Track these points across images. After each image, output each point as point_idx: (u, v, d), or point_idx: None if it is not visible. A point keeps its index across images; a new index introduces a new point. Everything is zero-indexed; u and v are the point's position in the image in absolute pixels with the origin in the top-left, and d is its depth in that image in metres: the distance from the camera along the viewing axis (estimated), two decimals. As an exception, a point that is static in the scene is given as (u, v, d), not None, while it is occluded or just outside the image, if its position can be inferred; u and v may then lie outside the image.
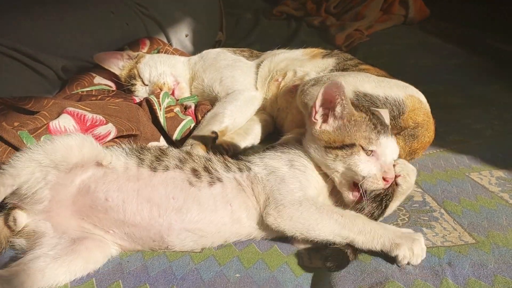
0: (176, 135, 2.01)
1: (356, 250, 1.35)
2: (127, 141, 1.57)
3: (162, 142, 2.00)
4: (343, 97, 1.43)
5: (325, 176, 1.50)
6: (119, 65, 2.47)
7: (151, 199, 1.37)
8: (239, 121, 2.13)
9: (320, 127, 1.49)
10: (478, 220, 1.51)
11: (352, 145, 1.42)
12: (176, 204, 1.37)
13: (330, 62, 2.17)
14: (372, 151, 1.43)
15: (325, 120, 1.49)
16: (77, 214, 1.38)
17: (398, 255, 1.29)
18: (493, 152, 1.95)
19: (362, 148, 1.42)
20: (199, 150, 1.83)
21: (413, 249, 1.29)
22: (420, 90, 1.87)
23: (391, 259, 1.32)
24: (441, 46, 3.66)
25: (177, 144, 2.00)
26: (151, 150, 1.48)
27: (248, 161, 1.54)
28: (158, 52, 2.70)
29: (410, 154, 1.80)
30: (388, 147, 1.45)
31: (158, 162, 1.43)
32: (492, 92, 2.74)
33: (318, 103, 1.47)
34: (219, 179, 1.44)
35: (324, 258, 1.33)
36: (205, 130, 1.99)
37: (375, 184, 1.42)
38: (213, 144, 1.96)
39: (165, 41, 3.06)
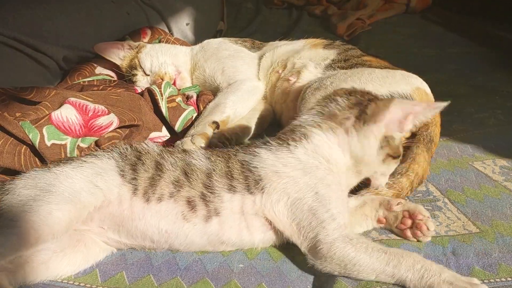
0: (178, 125, 2.01)
1: None
2: (125, 145, 1.47)
3: (164, 132, 1.99)
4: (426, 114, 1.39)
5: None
6: (120, 55, 2.46)
7: (145, 231, 1.35)
8: (241, 111, 2.12)
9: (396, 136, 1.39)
10: (482, 209, 1.50)
11: (398, 156, 1.42)
12: (169, 238, 1.34)
13: (332, 52, 2.16)
14: None
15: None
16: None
17: None
18: (497, 141, 1.94)
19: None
20: (201, 141, 1.82)
21: None
22: (423, 79, 1.86)
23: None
24: (444, 35, 3.64)
25: (179, 134, 2.00)
26: (146, 165, 1.38)
27: (259, 177, 1.34)
28: (159, 42, 2.69)
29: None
30: None
31: (152, 190, 1.34)
32: (495, 81, 2.72)
33: (411, 117, 1.34)
34: (217, 212, 1.32)
35: None
36: (206, 120, 1.98)
37: (382, 178, 1.47)
38: (214, 133, 1.95)
39: (166, 30, 3.04)
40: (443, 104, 1.38)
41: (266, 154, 1.37)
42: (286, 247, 1.39)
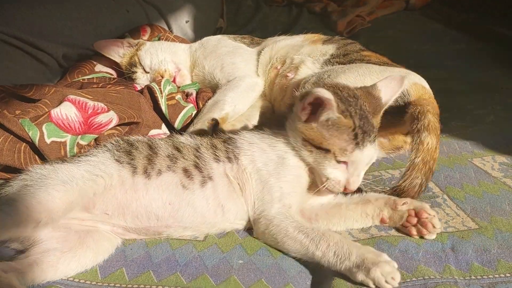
0: (177, 123, 2.01)
1: None
2: (115, 138, 1.55)
3: (164, 130, 1.99)
4: (332, 106, 1.34)
5: None
6: (119, 53, 2.46)
7: (149, 207, 1.40)
8: (240, 108, 2.12)
9: (304, 121, 1.43)
10: (481, 205, 1.50)
11: (327, 150, 1.40)
12: (173, 210, 1.41)
13: (330, 47, 2.15)
14: (343, 161, 1.41)
15: (310, 117, 1.42)
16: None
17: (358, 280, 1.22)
18: (496, 138, 1.94)
19: (335, 156, 1.39)
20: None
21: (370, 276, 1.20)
22: (422, 76, 1.85)
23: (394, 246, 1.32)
24: (443, 32, 3.64)
25: (178, 132, 2.00)
26: (140, 148, 1.47)
27: (236, 147, 1.52)
28: (159, 39, 2.69)
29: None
30: (361, 160, 1.41)
31: (150, 166, 1.43)
32: (495, 77, 2.72)
33: (306, 102, 1.39)
34: (210, 178, 1.45)
35: None
36: (205, 117, 1.98)
37: (336, 188, 1.44)
38: (214, 131, 1.95)
39: (166, 28, 3.04)
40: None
41: (245, 131, 1.59)
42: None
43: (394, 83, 1.51)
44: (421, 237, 1.38)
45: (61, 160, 1.46)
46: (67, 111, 1.68)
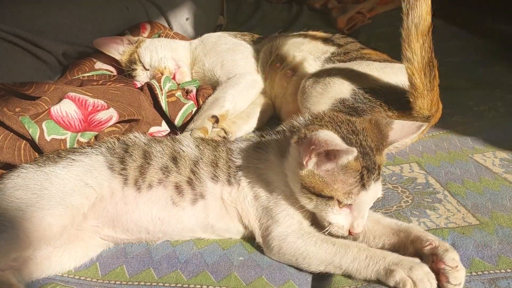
0: (178, 120, 2.01)
1: None
2: (111, 138, 1.52)
3: (164, 127, 1.99)
4: (345, 153, 1.21)
5: None
6: (119, 50, 2.46)
7: (139, 222, 1.38)
8: (240, 105, 2.12)
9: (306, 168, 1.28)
10: (482, 201, 1.50)
11: (329, 198, 1.26)
12: (162, 226, 1.39)
13: (331, 45, 2.15)
14: (347, 204, 1.28)
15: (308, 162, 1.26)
16: None
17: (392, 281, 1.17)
18: (497, 134, 1.94)
19: (338, 202, 1.27)
20: (200, 135, 1.82)
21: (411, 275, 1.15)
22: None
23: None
24: (444, 28, 3.62)
25: (178, 129, 2.00)
26: (134, 156, 1.43)
27: (239, 170, 1.42)
28: (159, 36, 2.68)
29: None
30: (366, 201, 1.30)
31: (141, 179, 1.39)
32: (496, 73, 2.71)
33: (314, 152, 1.22)
34: (202, 196, 1.39)
35: None
36: (206, 114, 1.98)
37: (339, 232, 1.31)
38: (213, 128, 1.95)
39: (166, 25, 3.04)
40: (351, 150, 1.19)
41: (247, 146, 1.47)
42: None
43: (413, 128, 1.37)
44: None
45: (55, 156, 1.44)
46: (67, 109, 1.68)
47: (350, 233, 1.31)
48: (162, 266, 1.32)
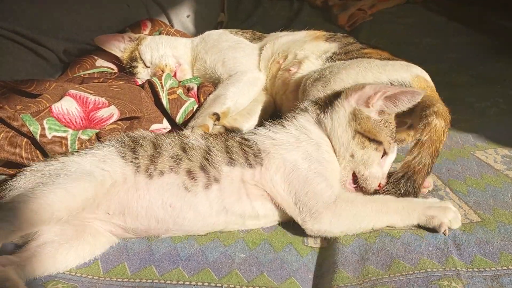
0: (179, 117, 2.00)
1: None
2: (120, 134, 1.55)
3: (165, 124, 1.99)
4: (408, 95, 1.44)
5: None
6: (120, 48, 2.45)
7: (150, 208, 1.38)
8: (241, 102, 2.12)
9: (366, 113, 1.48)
10: (484, 198, 1.50)
11: (380, 143, 1.45)
12: (174, 213, 1.38)
13: (333, 46, 2.15)
14: (386, 154, 1.47)
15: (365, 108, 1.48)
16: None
17: (437, 226, 1.34)
18: (498, 130, 1.93)
19: (384, 149, 1.46)
20: (201, 133, 1.82)
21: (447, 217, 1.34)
22: (424, 69, 1.84)
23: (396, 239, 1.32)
24: (445, 25, 3.62)
25: (180, 126, 2.00)
26: (144, 147, 1.45)
27: (258, 151, 1.46)
28: (160, 34, 2.68)
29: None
30: (392, 159, 1.52)
31: (153, 166, 1.40)
32: (497, 70, 2.71)
33: (379, 94, 1.46)
34: (216, 180, 1.40)
35: None
36: (207, 112, 1.98)
37: (372, 184, 1.47)
38: (215, 125, 1.95)
39: (167, 22, 3.03)
40: (419, 91, 1.45)
41: (264, 131, 1.52)
42: (287, 236, 1.41)
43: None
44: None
45: (66, 155, 1.45)
46: (68, 106, 1.68)
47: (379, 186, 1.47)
48: (164, 263, 1.31)
